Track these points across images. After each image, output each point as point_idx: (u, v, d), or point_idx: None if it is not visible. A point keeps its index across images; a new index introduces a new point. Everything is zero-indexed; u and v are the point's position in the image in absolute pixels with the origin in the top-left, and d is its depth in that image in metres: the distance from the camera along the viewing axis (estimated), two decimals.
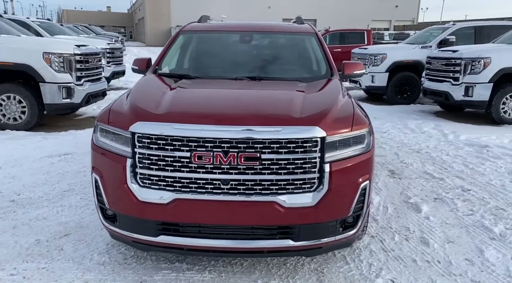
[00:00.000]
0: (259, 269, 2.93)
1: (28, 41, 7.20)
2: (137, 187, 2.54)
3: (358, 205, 2.70)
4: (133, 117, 2.58)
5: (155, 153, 2.49)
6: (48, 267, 2.85)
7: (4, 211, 3.75)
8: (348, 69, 3.84)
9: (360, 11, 53.66)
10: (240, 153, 2.44)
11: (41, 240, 3.23)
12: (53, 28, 12.70)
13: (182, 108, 2.70)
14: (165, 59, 3.91)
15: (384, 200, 4.24)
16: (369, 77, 10.82)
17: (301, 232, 2.57)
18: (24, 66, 6.64)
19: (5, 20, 9.27)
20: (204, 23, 4.45)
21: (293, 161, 2.49)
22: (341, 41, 16.29)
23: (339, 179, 2.59)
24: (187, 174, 2.48)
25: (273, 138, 2.45)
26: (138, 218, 2.57)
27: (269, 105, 2.87)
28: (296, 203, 2.52)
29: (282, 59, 4.05)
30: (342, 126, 2.63)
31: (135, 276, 2.79)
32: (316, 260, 3.06)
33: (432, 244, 3.32)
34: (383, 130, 7.54)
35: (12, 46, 6.76)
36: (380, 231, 3.55)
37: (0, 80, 6.87)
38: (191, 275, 2.81)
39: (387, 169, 5.28)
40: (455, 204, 4.15)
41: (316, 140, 2.51)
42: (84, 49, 7.37)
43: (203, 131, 2.44)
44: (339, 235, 2.67)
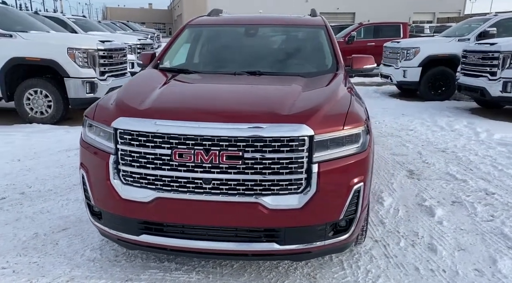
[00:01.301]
0: (249, 271, 2.82)
1: (54, 37, 7.38)
2: (120, 184, 2.49)
3: (350, 208, 2.53)
4: (116, 113, 2.54)
5: (137, 149, 2.43)
6: (39, 262, 2.87)
7: (12, 203, 3.84)
8: (357, 63, 3.63)
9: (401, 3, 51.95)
10: (222, 151, 2.33)
11: (39, 234, 3.26)
12: (88, 25, 13.05)
13: (165, 104, 2.63)
14: (168, 53, 3.85)
15: (397, 202, 4.02)
16: (400, 72, 10.41)
17: (286, 236, 2.43)
18: (50, 61, 6.82)
19: (39, 17, 9.60)
20: (212, 17, 4.36)
21: (278, 160, 2.36)
22: (375, 35, 15.80)
23: (328, 180, 2.43)
24: (168, 172, 2.40)
25: (256, 136, 2.33)
26: (121, 216, 2.52)
27: (257, 101, 2.74)
28: (281, 205, 2.38)
29: (286, 53, 3.89)
30: (332, 124, 2.46)
31: (122, 274, 2.75)
32: (311, 264, 2.92)
33: (440, 251, 3.09)
34: (409, 128, 7.21)
35: (39, 42, 6.95)
36: (386, 236, 3.34)
37: (29, 75, 7.10)
38: (177, 276, 2.75)
39: (406, 169, 5.01)
40: (475, 209, 3.86)
41: (303, 139, 2.37)
42: (108, 44, 7.48)
43: (184, 128, 2.35)
44: (329, 239, 2.51)
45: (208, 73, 3.56)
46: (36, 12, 11.52)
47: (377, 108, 9.12)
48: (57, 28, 9.57)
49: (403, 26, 15.88)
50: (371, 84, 13.31)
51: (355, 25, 16.64)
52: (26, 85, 7.00)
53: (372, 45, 15.19)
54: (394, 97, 10.82)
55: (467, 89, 8.64)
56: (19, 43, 6.83)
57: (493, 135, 6.55)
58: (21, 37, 6.88)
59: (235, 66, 3.56)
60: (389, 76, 10.91)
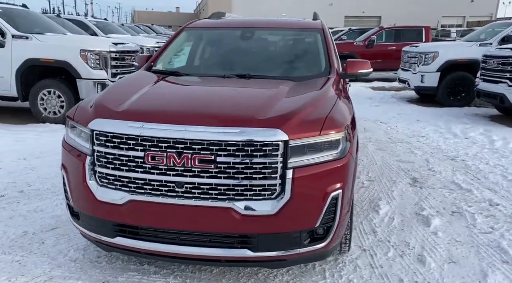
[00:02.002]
0: (228, 277, 2.78)
1: (68, 39, 7.56)
2: (95, 186, 2.50)
3: (328, 216, 2.46)
4: (93, 114, 2.55)
5: (111, 151, 2.43)
6: (21, 261, 2.91)
7: (9, 201, 3.92)
8: (352, 68, 3.55)
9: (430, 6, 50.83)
10: (194, 155, 2.31)
11: (28, 232, 3.32)
12: (109, 27, 13.32)
13: (142, 106, 2.62)
14: (163, 56, 3.86)
15: (394, 210, 3.90)
16: (418, 77, 10.17)
17: (260, 242, 2.38)
18: (63, 62, 6.97)
19: (59, 20, 9.87)
20: (211, 20, 4.35)
21: (251, 165, 2.32)
22: (396, 39, 15.49)
23: (303, 186, 2.37)
24: (141, 175, 2.40)
25: (229, 140, 2.30)
26: (96, 218, 2.53)
27: (236, 105, 2.70)
28: (254, 211, 2.34)
29: (279, 56, 3.85)
30: (309, 129, 2.40)
31: (100, 275, 2.76)
32: (292, 271, 2.86)
33: (429, 263, 2.98)
34: (421, 135, 7.02)
35: (54, 43, 7.13)
36: (375, 245, 3.25)
37: (43, 76, 7.27)
38: (155, 279, 2.74)
39: (410, 177, 4.87)
40: (474, 220, 3.71)
41: (277, 144, 2.32)
42: (121, 47, 7.60)
43: (157, 130, 2.34)
44: (304, 247, 2.45)
45: (198, 76, 3.55)
46: (58, 15, 11.84)
47: (392, 113, 8.94)
48: (77, 31, 9.82)
49: (425, 30, 15.52)
50: (390, 89, 13.07)
51: (376, 29, 16.37)
52: (40, 85, 7.18)
53: (393, 49, 14.92)
54: (411, 102, 10.58)
55: (486, 96, 8.37)
56: (35, 45, 7.02)
57: (509, 144, 6.31)
58: (36, 39, 7.06)
59: (227, 69, 3.54)
60: (406, 81, 10.68)
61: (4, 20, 7.19)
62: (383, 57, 15.31)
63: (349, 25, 33.82)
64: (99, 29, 12.19)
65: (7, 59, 7.02)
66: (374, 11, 49.07)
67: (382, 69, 15.78)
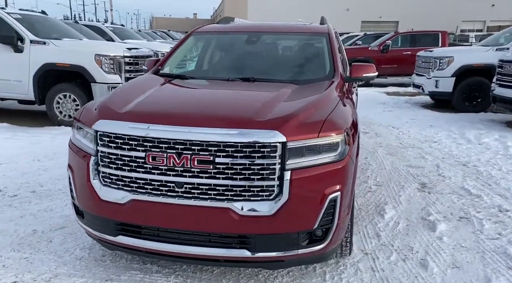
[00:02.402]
0: (228, 278, 2.81)
1: (83, 45, 7.74)
2: (99, 185, 2.57)
3: (326, 217, 2.47)
4: (97, 116, 2.62)
5: (114, 151, 2.49)
6: (29, 258, 2.99)
7: (21, 201, 4.03)
8: (356, 72, 3.56)
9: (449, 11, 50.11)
10: (194, 155, 2.35)
11: (38, 231, 3.40)
12: (125, 33, 13.56)
13: (143, 108, 2.68)
14: (170, 60, 3.93)
15: (399, 215, 3.87)
16: (432, 82, 10.06)
17: (257, 243, 2.41)
18: (78, 67, 7.14)
19: (77, 26, 10.10)
20: (219, 25, 4.42)
21: (250, 166, 2.35)
22: (412, 44, 15.36)
23: (301, 188, 2.39)
24: (142, 175, 2.45)
25: (227, 142, 2.33)
26: (99, 216, 2.59)
27: (236, 107, 2.74)
28: (252, 211, 2.37)
29: (284, 60, 3.88)
30: (307, 131, 2.42)
31: (103, 274, 2.82)
32: (293, 273, 2.87)
33: (431, 267, 2.95)
34: (434, 140, 6.94)
35: (69, 48, 7.31)
36: (378, 249, 3.23)
37: (59, 80, 7.46)
38: (156, 278, 2.78)
39: (418, 182, 4.83)
40: (482, 225, 3.66)
41: (275, 146, 2.34)
42: (135, 52, 7.74)
43: (158, 131, 2.40)
44: (302, 249, 2.46)
45: (203, 79, 3.61)
46: (76, 21, 12.13)
47: (405, 118, 8.87)
48: (93, 36, 10.03)
49: (442, 34, 15.35)
50: (405, 94, 12.95)
51: (391, 34, 16.27)
52: (56, 89, 7.35)
53: (408, 54, 14.78)
54: (426, 108, 10.47)
55: (502, 101, 8.22)
56: (52, 50, 7.21)
57: None
58: (53, 44, 7.25)
59: (232, 73, 3.59)
60: (420, 86, 10.58)
61: (23, 26, 7.41)
62: (398, 62, 15.23)
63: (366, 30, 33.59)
64: (116, 35, 12.43)
65: (25, 64, 7.23)
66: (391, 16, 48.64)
67: (397, 74, 15.69)
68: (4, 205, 3.92)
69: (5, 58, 7.28)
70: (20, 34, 7.26)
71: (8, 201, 4.02)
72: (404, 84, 14.90)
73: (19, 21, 7.47)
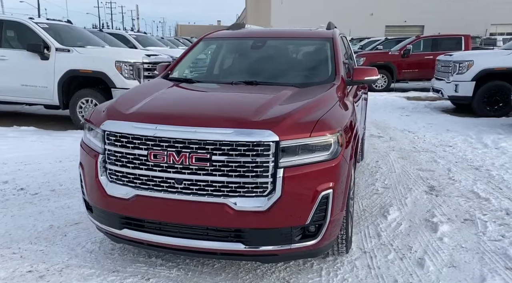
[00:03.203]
0: (228, 271, 2.94)
1: (105, 52, 8.06)
2: (106, 182, 2.75)
3: (318, 214, 2.57)
4: (105, 116, 2.81)
5: (119, 149, 2.67)
6: (44, 250, 3.20)
7: (41, 198, 4.28)
8: (357, 75, 3.64)
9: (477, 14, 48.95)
10: (192, 153, 2.50)
11: (54, 226, 3.62)
12: (148, 41, 13.98)
13: (147, 109, 2.84)
14: (180, 64, 4.11)
15: (403, 216, 3.92)
16: (452, 86, 9.96)
17: (251, 237, 2.54)
18: (100, 73, 7.45)
19: (101, 34, 10.50)
20: (229, 31, 4.58)
21: (244, 164, 2.48)
22: (434, 48, 15.20)
23: (293, 185, 2.51)
24: (145, 172, 2.61)
25: (223, 140, 2.48)
26: (106, 211, 2.77)
27: (233, 108, 2.88)
28: (247, 207, 2.49)
29: (287, 64, 4.00)
30: (299, 131, 2.54)
31: (111, 266, 2.99)
32: (290, 268, 2.97)
33: (428, 266, 3.00)
34: (449, 144, 6.90)
35: (92, 55, 7.64)
36: (377, 248, 3.30)
37: (82, 86, 7.79)
38: (159, 271, 2.93)
39: (427, 185, 4.84)
40: (486, 227, 3.67)
41: (268, 144, 2.47)
42: (153, 58, 8.02)
43: (158, 131, 2.56)
44: (295, 243, 2.57)
45: (208, 82, 3.78)
46: (100, 30, 12.57)
47: (422, 123, 8.83)
48: (116, 44, 10.41)
49: (465, 38, 15.12)
50: (426, 99, 12.83)
51: (412, 38, 16.13)
52: (79, 95, 7.68)
53: (430, 58, 14.62)
54: (445, 112, 10.37)
55: None
56: (75, 57, 7.55)
57: None
58: (77, 52, 7.60)
59: (237, 76, 3.74)
60: (440, 90, 10.49)
61: (50, 34, 7.79)
62: (419, 67, 15.11)
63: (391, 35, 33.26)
64: (139, 42, 12.83)
65: (51, 71, 7.59)
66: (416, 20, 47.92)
67: (418, 79, 15.56)
68: (26, 202, 4.17)
69: (32, 65, 7.66)
70: (47, 43, 7.63)
71: (29, 199, 4.27)
72: (426, 89, 14.72)
73: (46, 30, 7.85)
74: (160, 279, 2.82)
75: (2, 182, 4.74)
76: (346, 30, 33.05)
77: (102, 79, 7.54)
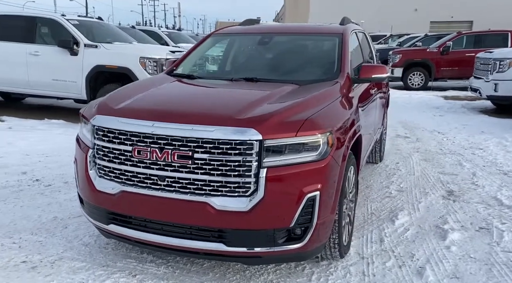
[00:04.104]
0: (216, 271, 2.88)
1: (130, 48, 8.20)
2: (95, 176, 2.76)
3: (304, 216, 2.47)
4: (95, 111, 2.82)
5: (107, 145, 2.66)
6: (43, 241, 3.27)
7: (52, 190, 4.39)
8: (365, 73, 3.47)
9: None
10: (174, 150, 2.46)
11: (58, 218, 3.70)
12: (180, 38, 14.15)
13: (135, 105, 2.81)
14: (186, 60, 4.07)
15: (412, 222, 3.72)
16: (491, 85, 9.41)
17: (233, 237, 2.46)
18: (125, 69, 7.58)
19: (131, 30, 10.71)
20: (239, 27, 4.50)
21: (227, 162, 2.41)
22: (477, 45, 14.39)
23: (277, 186, 2.41)
24: (130, 168, 2.60)
25: (205, 138, 2.41)
26: (95, 205, 2.78)
27: (220, 105, 2.81)
28: (228, 207, 2.42)
29: (291, 61, 3.86)
30: (285, 130, 2.44)
31: (102, 260, 3.01)
32: (280, 271, 2.88)
33: (427, 276, 2.82)
34: (479, 147, 6.51)
35: (117, 51, 7.80)
36: (377, 254, 3.14)
37: (109, 81, 7.96)
38: (148, 267, 2.92)
39: (446, 189, 4.58)
40: (502, 237, 3.42)
41: (251, 143, 2.39)
42: (178, 54, 8.06)
43: (143, 126, 2.53)
44: (278, 246, 2.48)
45: (210, 79, 3.72)
46: (133, 27, 12.85)
47: (455, 124, 8.41)
48: (147, 40, 10.60)
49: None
50: (465, 99, 12.25)
51: (454, 34, 15.38)
52: (105, 90, 7.82)
53: (472, 56, 13.87)
54: (483, 113, 9.84)
55: None
56: (102, 53, 7.72)
57: None
58: (104, 48, 7.77)
59: (239, 73, 3.67)
60: (477, 89, 9.96)
61: (80, 31, 8.01)
62: (459, 65, 14.37)
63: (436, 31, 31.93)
64: (171, 39, 13.01)
65: (79, 66, 7.80)
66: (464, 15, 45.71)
67: (458, 77, 14.83)
68: (38, 193, 4.29)
69: (62, 60, 7.90)
70: (76, 39, 7.85)
71: (42, 190, 4.39)
72: (466, 88, 14.01)
73: (76, 26, 8.07)
74: (146, 276, 2.81)
75: (21, 173, 4.90)
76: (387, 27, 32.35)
77: (127, 75, 7.66)
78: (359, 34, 4.49)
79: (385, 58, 16.35)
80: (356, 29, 4.41)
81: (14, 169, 5.04)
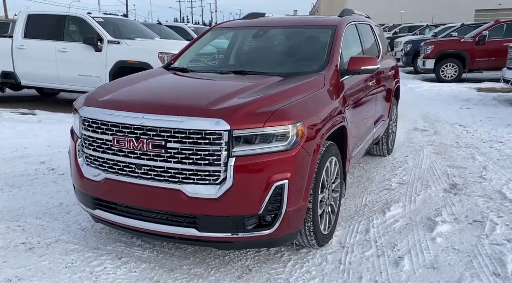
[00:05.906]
0: (197, 256, 3.01)
1: (150, 43, 8.46)
2: (83, 164, 2.95)
3: (273, 204, 2.54)
4: (83, 103, 3.00)
5: (91, 134, 2.84)
6: (45, 225, 3.51)
7: (64, 178, 4.67)
8: (354, 65, 3.46)
9: None
10: (149, 140, 2.59)
11: (63, 204, 3.95)
12: None
13: (118, 97, 2.97)
14: (184, 54, 4.20)
15: (404, 213, 3.70)
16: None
17: (204, 223, 2.58)
18: (145, 64, 7.84)
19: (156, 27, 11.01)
20: (239, 20, 4.58)
21: (197, 151, 2.52)
22: (507, 34, 13.71)
23: (246, 174, 2.50)
24: (111, 156, 2.76)
25: (176, 128, 2.53)
26: (82, 191, 2.97)
27: (195, 96, 2.91)
28: (199, 194, 2.54)
29: (283, 53, 3.90)
30: (253, 121, 2.51)
31: (94, 243, 3.21)
32: (259, 257, 2.97)
33: (403, 265, 2.83)
34: (500, 140, 6.28)
35: (138, 47, 8.09)
36: (359, 243, 3.16)
37: None
38: (134, 251, 3.09)
39: (449, 182, 4.50)
40: (493, 230, 3.35)
41: (220, 133, 2.48)
42: None
43: (121, 117, 2.68)
44: (248, 232, 2.57)
45: (201, 72, 3.84)
46: (159, 23, 13.17)
47: (480, 117, 8.12)
48: (173, 36, 10.86)
49: None
50: (500, 91, 11.74)
51: (491, 23, 14.69)
52: None
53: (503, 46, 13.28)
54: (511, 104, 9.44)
55: None
56: (124, 49, 8.04)
57: None
58: (125, 44, 8.07)
59: (231, 66, 3.76)
60: (510, 80, 9.54)
61: (104, 28, 8.36)
62: (496, 55, 13.71)
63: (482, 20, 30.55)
64: (197, 34, 13.22)
65: (103, 62, 8.15)
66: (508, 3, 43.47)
67: (495, 68, 14.18)
68: (50, 181, 4.58)
69: (88, 56, 8.29)
70: (100, 35, 8.20)
71: (55, 178, 4.68)
72: None
73: (101, 24, 8.42)
74: (131, 259, 2.98)
75: (39, 162, 5.23)
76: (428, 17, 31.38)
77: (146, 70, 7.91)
78: (360, 26, 4.46)
79: (417, 50, 15.91)
80: (356, 21, 4.38)
81: (35, 158, 5.38)
